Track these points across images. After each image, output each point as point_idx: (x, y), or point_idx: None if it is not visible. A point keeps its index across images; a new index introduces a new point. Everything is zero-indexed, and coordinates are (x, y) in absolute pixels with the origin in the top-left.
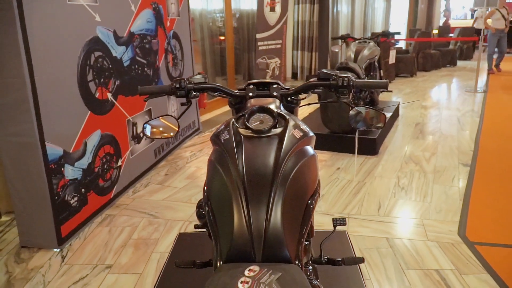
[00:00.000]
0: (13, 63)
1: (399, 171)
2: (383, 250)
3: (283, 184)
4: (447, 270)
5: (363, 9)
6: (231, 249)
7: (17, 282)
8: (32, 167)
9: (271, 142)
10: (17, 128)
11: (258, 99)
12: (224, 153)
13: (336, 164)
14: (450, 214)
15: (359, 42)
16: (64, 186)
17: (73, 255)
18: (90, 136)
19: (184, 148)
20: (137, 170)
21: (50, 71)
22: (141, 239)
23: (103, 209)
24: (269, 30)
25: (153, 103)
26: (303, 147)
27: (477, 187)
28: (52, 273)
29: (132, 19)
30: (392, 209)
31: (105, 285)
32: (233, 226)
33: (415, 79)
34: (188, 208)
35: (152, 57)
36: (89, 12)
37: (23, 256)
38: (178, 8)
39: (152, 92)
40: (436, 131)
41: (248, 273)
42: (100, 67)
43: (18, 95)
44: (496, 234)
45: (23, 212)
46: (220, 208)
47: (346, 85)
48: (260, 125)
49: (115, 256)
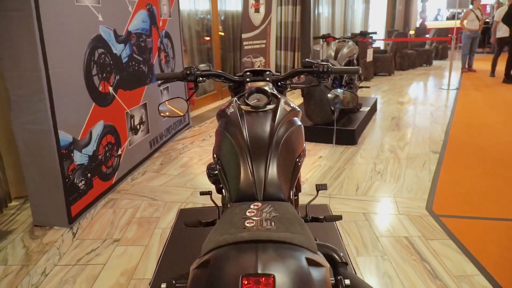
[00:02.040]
0: (31, 58)
1: (376, 158)
2: (360, 222)
3: (277, 146)
4: (415, 237)
5: (343, 11)
6: (239, 193)
7: (34, 255)
8: (46, 152)
9: (266, 115)
10: (33, 117)
11: (254, 83)
12: (230, 123)
13: (318, 153)
14: (419, 192)
15: (339, 41)
16: (74, 170)
17: (83, 232)
18: (94, 126)
19: (176, 141)
20: (135, 159)
21: (62, 65)
22: (143, 218)
23: (106, 193)
24: (254, 30)
25: (148, 98)
26: (292, 119)
27: (445, 171)
28: (65, 247)
29: (129, 19)
30: (369, 189)
31: (115, 255)
32: (240, 175)
33: (393, 78)
34: (185, 191)
35: (147, 54)
36: (93, 13)
37: (37, 234)
38: (170, 9)
39: (166, 77)
40: (410, 124)
41: (253, 207)
42: (103, 63)
43: (34, 87)
44: (459, 208)
45: (37, 193)
46: (229, 164)
47: (325, 71)
48: (257, 103)
49: (121, 232)
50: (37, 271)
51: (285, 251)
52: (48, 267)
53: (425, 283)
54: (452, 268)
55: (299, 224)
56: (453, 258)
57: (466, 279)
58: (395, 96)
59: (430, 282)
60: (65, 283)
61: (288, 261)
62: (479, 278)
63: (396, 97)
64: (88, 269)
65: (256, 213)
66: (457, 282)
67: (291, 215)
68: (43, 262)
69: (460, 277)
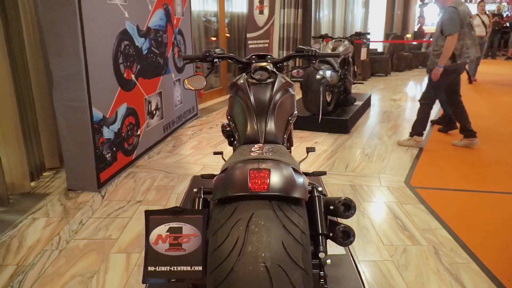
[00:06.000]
0: (73, 45)
1: (365, 144)
2: (346, 191)
3: (274, 106)
4: (392, 202)
5: (343, 14)
6: (246, 138)
7: (71, 210)
8: (81, 125)
9: (267, 86)
10: (72, 95)
11: (258, 64)
12: (240, 91)
13: (314, 140)
14: (400, 170)
15: (336, 41)
16: (103, 143)
17: (110, 195)
18: (120, 107)
19: (186, 128)
20: (151, 140)
21: (96, 52)
22: (161, 186)
23: (127, 167)
24: (258, 30)
25: (163, 88)
26: (286, 88)
27: (425, 155)
28: (96, 205)
29: (149, 16)
30: (357, 168)
31: (139, 211)
32: (247, 126)
33: (389, 78)
34: (196, 167)
35: (163, 48)
36: (121, 10)
37: (71, 196)
38: (183, 9)
39: (191, 58)
40: (400, 117)
41: (257, 146)
42: (127, 53)
43: (74, 69)
44: (432, 182)
45: (72, 161)
46: (239, 119)
47: (313, 55)
48: (261, 77)
49: (142, 195)
50: (75, 221)
51: (278, 163)
52: (84, 219)
53: (395, 234)
54: (419, 223)
55: (289, 156)
56: (421, 216)
57: (430, 231)
58: (389, 94)
59: (400, 233)
60: (99, 230)
61: (280, 166)
62: (441, 231)
63: (390, 95)
64: (118, 220)
65: (259, 149)
66: (422, 233)
67: (283, 151)
68: (79, 216)
69: (425, 230)
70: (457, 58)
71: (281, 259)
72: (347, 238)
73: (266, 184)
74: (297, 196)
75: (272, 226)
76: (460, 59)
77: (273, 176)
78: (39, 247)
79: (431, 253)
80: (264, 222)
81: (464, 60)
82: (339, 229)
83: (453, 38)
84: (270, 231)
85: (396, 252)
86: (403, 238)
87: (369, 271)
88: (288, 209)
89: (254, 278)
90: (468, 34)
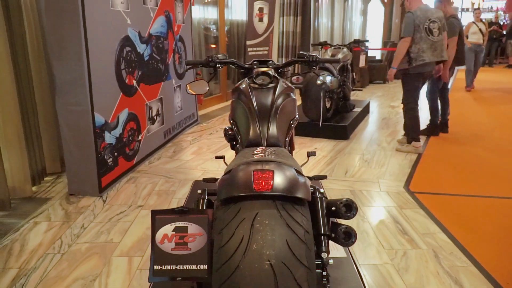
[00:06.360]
0: (76, 50)
1: (364, 150)
2: (346, 196)
3: (276, 111)
4: (391, 207)
5: (342, 22)
6: (248, 141)
7: (73, 214)
8: (83, 130)
9: (269, 90)
10: (75, 99)
11: (260, 69)
12: (243, 95)
13: (314, 146)
14: (400, 176)
15: (335, 48)
16: (104, 147)
17: (111, 199)
18: (121, 112)
19: (186, 134)
20: (152, 146)
21: (99, 58)
22: (162, 191)
23: (128, 172)
24: (257, 38)
25: (163, 94)
26: (287, 93)
27: (424, 160)
28: (98, 209)
29: (151, 23)
30: (356, 173)
31: (140, 215)
32: (250, 130)
33: (387, 85)
34: (196, 172)
35: (164, 55)
36: (123, 16)
37: (72, 200)
38: (184, 16)
39: (194, 63)
40: (398, 123)
41: (259, 149)
42: (129, 59)
43: (77, 74)
44: (431, 187)
45: (73, 165)
46: (242, 122)
47: (314, 60)
48: (262, 82)
49: (144, 200)
50: (77, 225)
51: (281, 165)
52: (86, 223)
53: (395, 238)
54: (419, 228)
55: (291, 158)
56: (420, 221)
57: (429, 235)
58: (388, 100)
59: (400, 237)
60: (101, 234)
61: (282, 167)
62: (441, 235)
63: (388, 102)
64: (119, 224)
65: (261, 151)
66: (422, 237)
67: (286, 153)
68: (81, 220)
69: (424, 234)
70: (413, 61)
71: (285, 257)
72: (349, 239)
73: (269, 184)
74: (300, 196)
75: (276, 225)
76: (416, 62)
77: (277, 177)
78: (41, 250)
79: (431, 256)
80: (268, 221)
81: (419, 63)
82: (341, 230)
83: (405, 41)
84: (274, 229)
85: (396, 255)
86: (403, 242)
87: (369, 274)
88: (292, 208)
89: (259, 275)
90: (425, 38)
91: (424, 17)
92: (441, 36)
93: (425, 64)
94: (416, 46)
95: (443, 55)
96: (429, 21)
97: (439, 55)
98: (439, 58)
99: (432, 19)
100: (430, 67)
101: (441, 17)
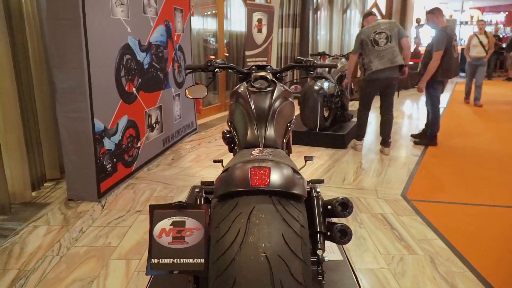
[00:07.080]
0: (77, 58)
1: (363, 159)
2: None
3: (273, 113)
4: (388, 214)
5: (340, 34)
6: (246, 143)
7: (71, 219)
8: (83, 136)
9: (267, 94)
10: (75, 106)
11: (258, 73)
12: (241, 98)
13: (311, 154)
14: (397, 184)
15: (333, 58)
16: (104, 153)
17: (110, 205)
18: (121, 119)
19: (184, 142)
20: (150, 153)
21: (99, 65)
22: (160, 196)
23: (126, 178)
24: (256, 48)
25: (163, 102)
26: (285, 96)
27: (421, 169)
28: (97, 214)
29: (151, 32)
30: (354, 181)
31: (138, 220)
32: (247, 132)
33: None
34: (194, 179)
35: (163, 63)
36: (123, 25)
37: (71, 205)
38: (183, 26)
39: (193, 67)
40: (396, 133)
41: (257, 149)
42: (129, 67)
43: (77, 81)
44: (428, 195)
45: (73, 171)
46: (240, 125)
47: (311, 65)
48: (260, 86)
49: (142, 205)
50: (76, 229)
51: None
52: (84, 227)
53: (392, 243)
54: (415, 234)
55: (288, 159)
56: (417, 228)
57: (426, 241)
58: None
59: (397, 243)
60: (99, 238)
61: (279, 165)
62: (437, 241)
63: None
64: (117, 229)
65: (259, 152)
66: (418, 243)
67: (283, 154)
68: (80, 224)
69: (421, 240)
70: (366, 71)
71: (281, 249)
72: (345, 237)
73: (266, 180)
74: (296, 192)
75: (272, 219)
76: (367, 71)
77: (273, 173)
78: (40, 253)
79: (427, 262)
80: (264, 215)
81: (369, 72)
82: (337, 228)
83: (351, 58)
84: (270, 223)
85: (393, 260)
86: (400, 248)
87: (366, 278)
88: (288, 204)
89: (255, 267)
90: (371, 49)
91: (369, 32)
92: (391, 44)
93: (374, 72)
94: (367, 58)
95: (396, 60)
96: (375, 33)
97: (387, 62)
98: (387, 65)
99: (378, 31)
100: (381, 74)
101: (391, 27)
